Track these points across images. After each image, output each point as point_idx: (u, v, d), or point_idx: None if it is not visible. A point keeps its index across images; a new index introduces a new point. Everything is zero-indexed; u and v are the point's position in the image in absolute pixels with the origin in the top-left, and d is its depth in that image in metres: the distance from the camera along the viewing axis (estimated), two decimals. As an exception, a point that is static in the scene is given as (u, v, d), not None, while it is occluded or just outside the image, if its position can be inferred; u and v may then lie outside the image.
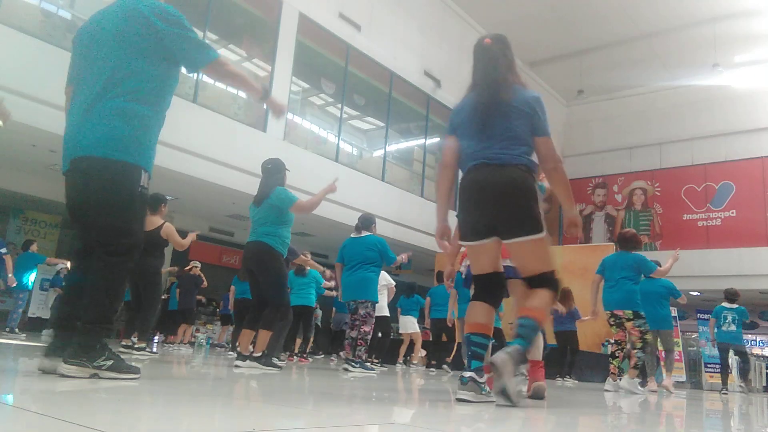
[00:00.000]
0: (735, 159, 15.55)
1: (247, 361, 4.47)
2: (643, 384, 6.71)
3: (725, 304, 8.83)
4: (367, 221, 5.97)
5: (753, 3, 13.03)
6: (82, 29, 2.53)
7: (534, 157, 2.67)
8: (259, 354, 4.52)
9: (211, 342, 13.14)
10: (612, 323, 5.86)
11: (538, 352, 3.40)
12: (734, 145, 15.60)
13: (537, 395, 3.20)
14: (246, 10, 10.67)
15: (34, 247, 9.00)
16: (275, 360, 4.80)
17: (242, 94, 10.88)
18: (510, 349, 2.40)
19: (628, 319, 5.68)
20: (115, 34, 2.37)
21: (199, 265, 10.07)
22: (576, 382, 8.63)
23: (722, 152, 15.76)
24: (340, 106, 11.86)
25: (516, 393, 2.41)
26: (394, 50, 12.44)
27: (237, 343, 8.48)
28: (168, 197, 9.14)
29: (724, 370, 9.12)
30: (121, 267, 2.34)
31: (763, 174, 15.17)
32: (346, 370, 5.60)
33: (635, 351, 5.68)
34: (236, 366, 4.34)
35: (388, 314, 8.49)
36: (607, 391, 5.72)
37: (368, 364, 6.05)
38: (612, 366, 5.97)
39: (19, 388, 2.00)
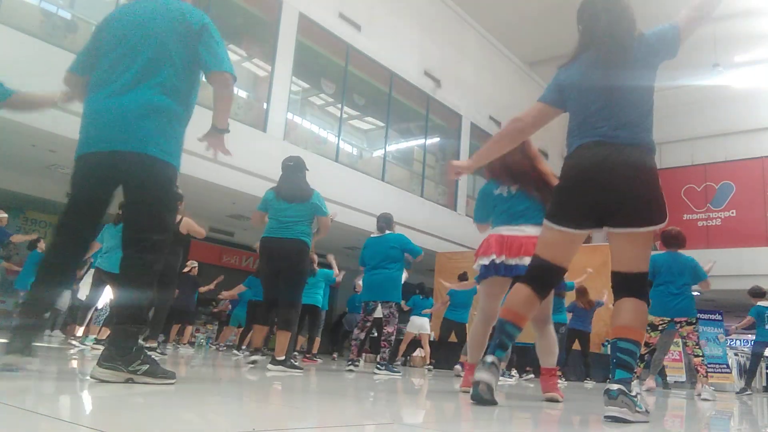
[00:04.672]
0: (735, 159, 15.55)
1: (274, 363, 4.45)
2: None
3: (764, 303, 8.38)
4: (388, 220, 5.90)
5: (753, 3, 13.01)
6: (115, 17, 2.49)
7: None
8: (284, 357, 4.45)
9: (210, 342, 13.13)
10: (660, 329, 5.59)
11: (552, 359, 3.35)
12: (734, 145, 15.59)
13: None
14: (246, 10, 10.66)
15: (41, 245, 8.96)
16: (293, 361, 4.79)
17: (242, 93, 10.88)
18: (614, 387, 2.02)
19: (690, 324, 5.46)
20: (161, 29, 2.37)
21: (196, 265, 10.07)
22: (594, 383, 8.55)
23: (722, 152, 15.76)
24: (340, 106, 11.85)
25: (645, 414, 2.11)
26: (394, 50, 12.42)
27: (243, 344, 8.52)
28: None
29: (753, 373, 8.86)
30: (154, 264, 2.28)
31: (763, 174, 15.17)
32: (350, 370, 5.61)
33: (700, 359, 5.46)
34: (252, 362, 4.35)
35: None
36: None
37: (392, 366, 5.99)
38: (638, 368, 5.78)
39: (21, 388, 2.00)
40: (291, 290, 4.44)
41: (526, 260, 3.18)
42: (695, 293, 5.84)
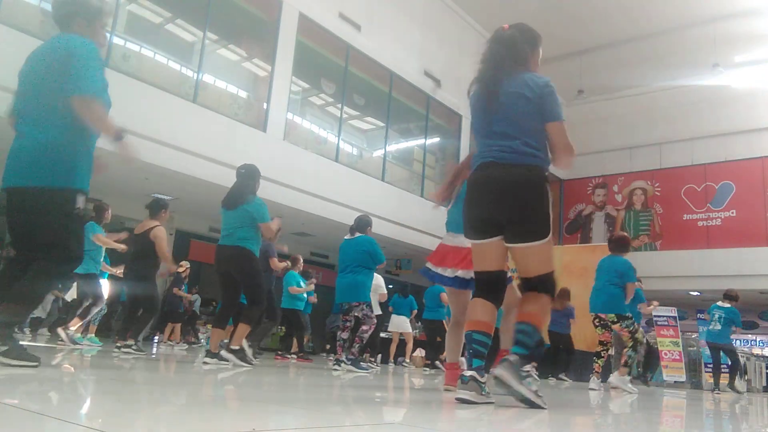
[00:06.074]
0: (735, 159, 15.53)
1: (215, 359, 4.58)
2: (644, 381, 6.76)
3: (719, 303, 8.87)
4: (362, 223, 5.97)
5: (753, 3, 13.02)
6: (27, 60, 2.88)
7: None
8: (237, 347, 4.64)
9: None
10: (597, 324, 5.96)
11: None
12: (734, 145, 15.58)
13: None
14: (246, 10, 10.66)
15: None
16: (249, 357, 4.93)
17: (242, 93, 10.89)
18: (511, 357, 2.39)
19: (613, 322, 5.76)
20: (46, 69, 2.70)
21: (188, 264, 10.12)
22: (571, 381, 8.64)
23: (722, 152, 15.74)
24: (340, 106, 11.85)
25: (536, 394, 2.42)
26: (394, 50, 12.43)
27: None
28: (168, 197, 9.18)
29: (716, 370, 9.13)
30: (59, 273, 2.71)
31: (763, 174, 15.16)
32: (334, 369, 5.65)
33: (626, 350, 5.78)
34: (205, 362, 4.45)
35: (380, 312, 8.76)
36: (591, 389, 5.76)
37: (363, 363, 6.09)
38: (596, 365, 6.08)
39: (20, 388, 2.00)
40: (248, 290, 4.70)
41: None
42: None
